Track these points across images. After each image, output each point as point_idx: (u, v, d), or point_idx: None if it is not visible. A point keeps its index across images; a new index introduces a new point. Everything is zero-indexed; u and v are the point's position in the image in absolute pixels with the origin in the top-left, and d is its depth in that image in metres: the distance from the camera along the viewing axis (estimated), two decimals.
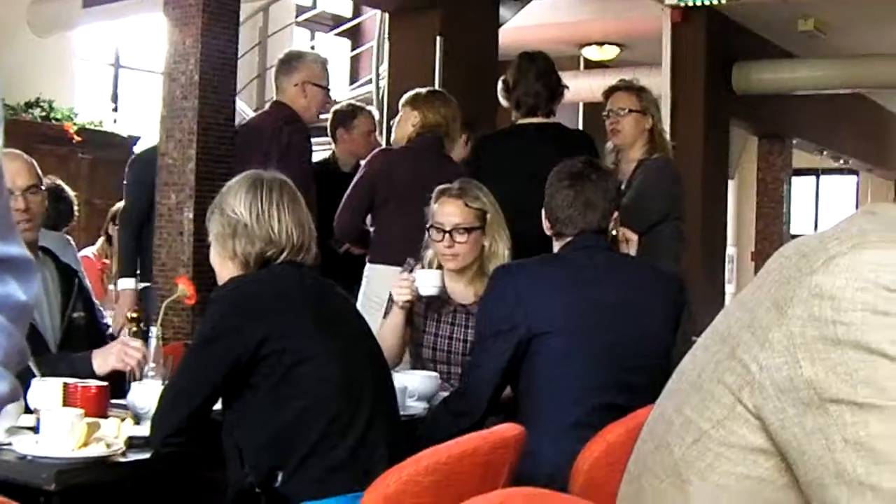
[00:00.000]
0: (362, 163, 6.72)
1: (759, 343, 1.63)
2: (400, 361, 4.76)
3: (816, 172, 20.49)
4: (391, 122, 6.83)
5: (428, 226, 4.71)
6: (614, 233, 4.25)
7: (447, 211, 4.66)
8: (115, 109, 12.83)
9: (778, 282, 1.66)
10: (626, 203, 5.50)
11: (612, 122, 5.96)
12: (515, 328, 3.82)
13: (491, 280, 4.13)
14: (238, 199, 3.51)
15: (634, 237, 4.61)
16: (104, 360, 3.88)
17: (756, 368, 1.62)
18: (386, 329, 4.66)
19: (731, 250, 14.64)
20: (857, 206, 21.03)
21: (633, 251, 4.58)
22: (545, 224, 4.14)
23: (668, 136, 6.02)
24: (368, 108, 7.73)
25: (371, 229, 6.29)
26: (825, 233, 1.70)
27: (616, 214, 4.13)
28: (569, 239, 4.05)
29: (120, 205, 7.95)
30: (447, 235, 4.63)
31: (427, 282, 4.58)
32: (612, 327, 3.86)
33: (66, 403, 3.41)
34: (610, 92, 6.06)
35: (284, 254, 3.48)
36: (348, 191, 6.21)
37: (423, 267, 4.73)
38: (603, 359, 3.83)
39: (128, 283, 6.65)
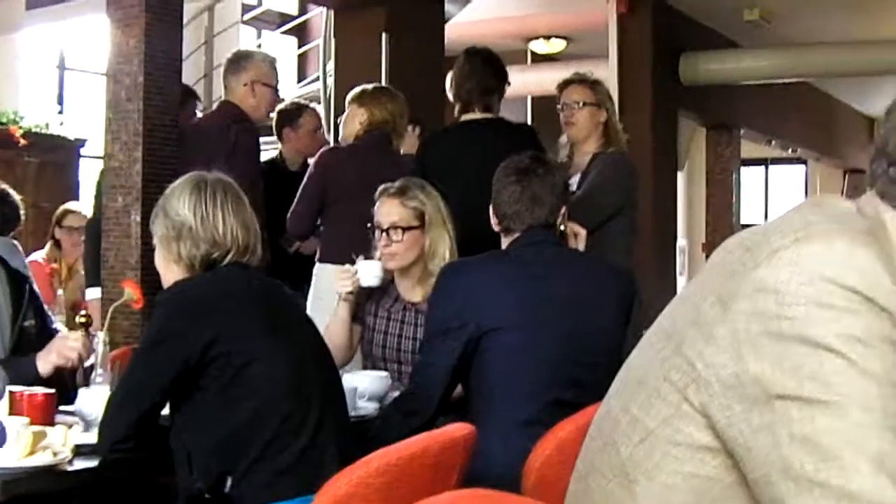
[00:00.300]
0: (310, 161, 6.69)
1: (704, 339, 1.62)
2: (350, 360, 4.75)
3: (765, 162, 20.60)
4: (339, 120, 6.79)
5: (369, 225, 4.70)
6: (562, 228, 4.23)
7: (384, 210, 4.68)
8: (61, 112, 12.72)
9: (722, 276, 1.65)
10: (579, 196, 5.51)
11: (566, 116, 5.94)
12: (465, 325, 3.79)
13: (438, 278, 4.11)
14: (181, 202, 3.47)
15: (583, 232, 4.59)
16: (46, 359, 3.84)
17: (701, 365, 1.62)
18: (333, 325, 4.65)
19: (681, 242, 14.68)
20: (806, 195, 21.19)
21: (581, 246, 4.56)
22: (493, 220, 4.13)
23: (621, 130, 6.00)
24: (312, 105, 7.67)
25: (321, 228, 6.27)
26: (768, 226, 1.70)
27: (564, 209, 4.11)
28: (517, 235, 4.03)
29: (64, 207, 7.89)
30: (384, 234, 4.63)
31: (368, 272, 4.57)
32: (562, 322, 3.84)
33: (12, 412, 3.36)
34: (564, 85, 6.04)
35: (230, 256, 3.44)
36: (300, 190, 6.18)
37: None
38: (553, 355, 3.81)
39: (95, 293, 6.61)
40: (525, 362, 3.79)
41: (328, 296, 5.16)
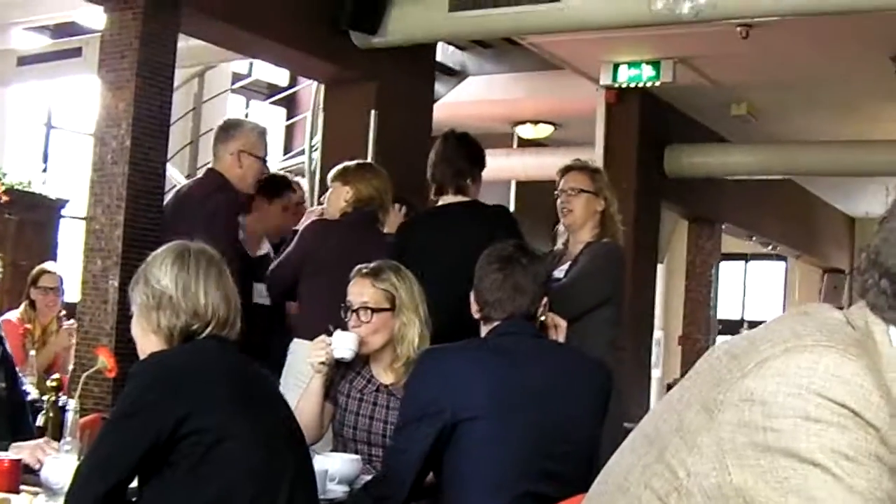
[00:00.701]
0: (296, 228, 6.64)
1: (687, 447, 1.59)
2: (320, 438, 4.70)
3: (745, 257, 20.65)
4: (322, 198, 6.77)
5: (342, 304, 4.69)
6: (542, 318, 4.20)
7: (356, 290, 4.68)
8: (45, 170, 12.70)
9: (708, 383, 1.63)
10: (564, 283, 5.48)
11: (563, 202, 5.91)
12: (440, 413, 3.75)
13: (416, 363, 4.09)
14: (164, 271, 3.42)
15: (563, 323, 4.55)
16: (18, 449, 3.79)
17: (684, 474, 1.59)
18: (304, 400, 4.61)
19: (657, 334, 14.65)
20: (785, 293, 21.24)
21: (561, 337, 4.52)
22: (473, 307, 4.10)
23: (619, 221, 5.95)
24: (296, 179, 7.60)
25: (295, 304, 6.24)
26: (756, 334, 1.67)
27: (545, 300, 4.09)
28: (496, 323, 4.00)
29: (40, 267, 7.81)
30: (354, 314, 4.61)
31: (342, 344, 4.54)
32: (535, 413, 3.80)
33: None
34: (564, 171, 6.00)
35: (209, 328, 3.40)
36: (285, 252, 6.17)
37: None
38: (526, 445, 3.76)
39: None
40: (497, 452, 3.74)
41: (303, 372, 5.11)
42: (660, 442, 1.65)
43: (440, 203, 5.98)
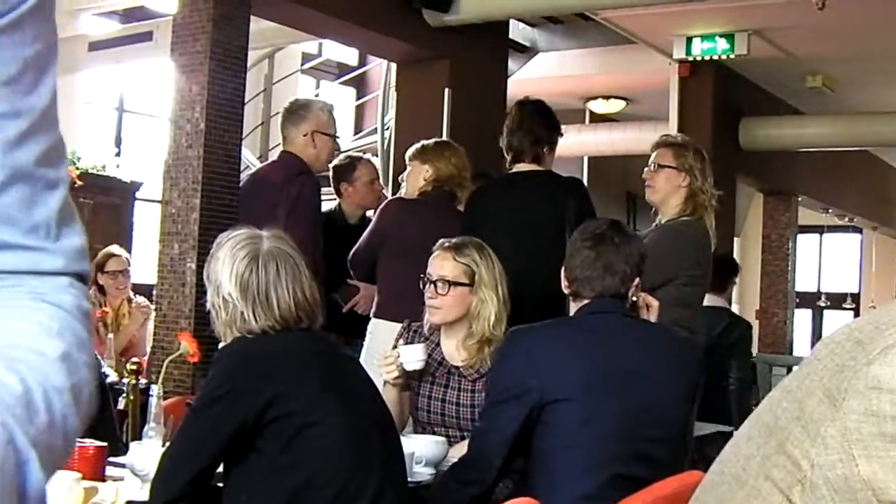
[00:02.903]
0: (370, 214, 6.63)
1: (810, 438, 1.52)
2: (404, 425, 4.67)
3: (821, 230, 20.45)
4: (399, 176, 6.74)
5: (421, 275, 4.68)
6: (634, 299, 4.13)
7: (436, 263, 4.64)
8: (118, 154, 12.76)
9: (830, 370, 1.56)
10: None
11: (646, 177, 5.81)
12: (528, 393, 3.70)
13: (504, 343, 4.05)
14: (233, 282, 3.32)
15: (656, 304, 4.44)
16: None
17: (807, 465, 1.52)
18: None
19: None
20: (860, 264, 21.02)
21: (653, 318, 4.42)
22: (563, 282, 4.05)
23: (711, 199, 5.79)
24: (367, 156, 7.55)
25: (377, 284, 6.22)
26: (879, 318, 1.60)
27: (638, 280, 4.02)
28: (586, 301, 3.95)
29: (106, 251, 7.76)
30: (432, 286, 4.59)
31: (411, 357, 4.50)
32: (628, 395, 3.74)
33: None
34: (654, 147, 5.90)
35: (288, 326, 3.34)
36: (364, 235, 6.18)
37: (414, 332, 4.68)
38: (617, 428, 3.71)
39: None
40: (587, 435, 3.69)
41: (384, 352, 5.09)
42: (780, 432, 1.58)
43: (514, 170, 5.90)
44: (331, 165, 6.99)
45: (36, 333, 1.16)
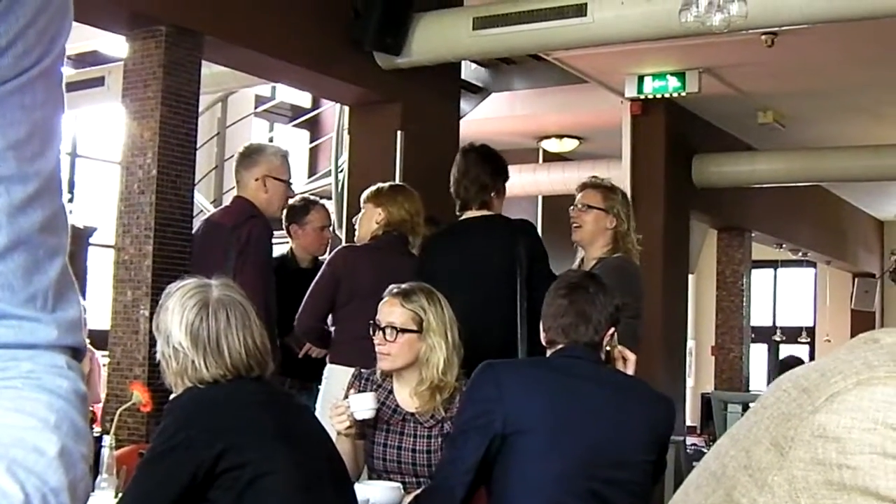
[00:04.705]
0: (322, 258, 6.61)
1: (757, 486, 1.53)
2: (359, 475, 4.65)
3: (775, 265, 20.54)
4: (353, 218, 6.73)
5: (371, 322, 4.68)
6: (608, 349, 4.18)
7: (385, 310, 4.64)
8: (72, 200, 12.70)
9: (776, 418, 1.56)
10: None
11: (573, 217, 5.90)
12: (491, 423, 3.79)
13: (474, 374, 4.07)
14: (183, 331, 3.31)
15: (632, 357, 4.44)
16: None
17: None
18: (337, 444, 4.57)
19: (690, 344, 14.58)
20: (815, 299, 21.13)
21: (630, 370, 4.43)
22: (541, 333, 4.14)
23: (635, 241, 5.90)
24: (322, 202, 7.54)
25: (332, 329, 6.19)
26: (825, 364, 1.60)
27: (613, 330, 4.07)
28: (560, 346, 4.03)
29: None
30: (380, 332, 4.58)
31: (361, 405, 4.48)
32: (587, 435, 3.81)
33: None
34: (580, 188, 6.00)
35: (238, 374, 3.32)
36: (311, 288, 6.12)
37: (366, 380, 4.66)
38: (573, 465, 3.79)
39: None
40: (544, 467, 3.78)
41: (339, 398, 5.07)
42: (727, 481, 1.58)
43: (462, 218, 5.91)
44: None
45: (35, 428, 1.14)
